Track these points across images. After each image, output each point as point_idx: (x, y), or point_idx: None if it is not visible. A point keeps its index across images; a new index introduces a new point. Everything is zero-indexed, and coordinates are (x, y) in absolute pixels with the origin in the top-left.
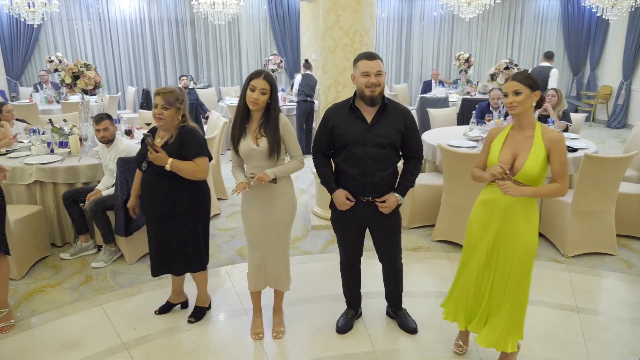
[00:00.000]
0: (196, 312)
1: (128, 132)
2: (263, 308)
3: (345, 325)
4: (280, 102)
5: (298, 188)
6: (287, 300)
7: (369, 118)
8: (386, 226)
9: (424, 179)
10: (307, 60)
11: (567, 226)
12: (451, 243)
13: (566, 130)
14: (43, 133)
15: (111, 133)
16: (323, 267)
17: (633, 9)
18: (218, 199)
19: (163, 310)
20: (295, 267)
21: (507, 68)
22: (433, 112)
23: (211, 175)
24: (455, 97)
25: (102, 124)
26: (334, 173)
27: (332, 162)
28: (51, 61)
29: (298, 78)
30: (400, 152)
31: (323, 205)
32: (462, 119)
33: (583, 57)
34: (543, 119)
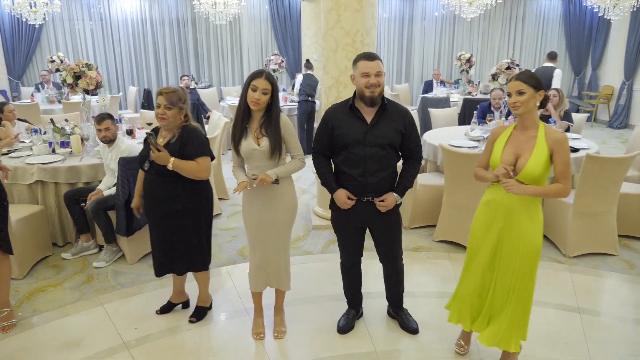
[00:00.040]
0: (197, 312)
1: (129, 132)
2: (264, 308)
3: (346, 325)
4: (281, 102)
5: (299, 188)
6: (288, 300)
7: (369, 118)
8: (386, 226)
9: (425, 179)
10: (308, 60)
11: (569, 226)
12: (452, 243)
13: (568, 130)
14: (44, 133)
15: (112, 133)
16: (324, 267)
17: (635, 9)
18: (219, 199)
19: (164, 310)
20: (296, 267)
21: (509, 68)
22: (434, 112)
23: (212, 175)
24: (456, 97)
25: (104, 124)
26: (334, 173)
27: (332, 163)
28: (53, 61)
29: (299, 78)
30: (399, 153)
31: (324, 205)
32: (464, 119)
33: (584, 57)
34: (544, 119)
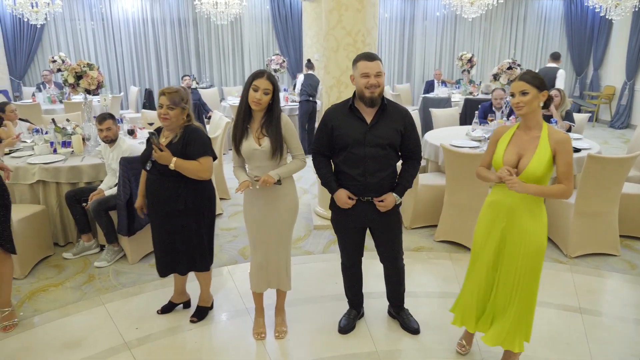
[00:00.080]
0: (198, 312)
1: (131, 132)
2: (265, 308)
3: (347, 325)
4: (282, 102)
5: (300, 188)
6: (289, 300)
7: (369, 119)
8: (386, 226)
9: (427, 179)
10: (310, 60)
11: (570, 227)
12: (454, 243)
13: (569, 130)
14: (46, 133)
15: (114, 133)
16: (325, 267)
17: (637, 9)
18: (220, 199)
19: (165, 310)
20: (297, 267)
21: (510, 68)
22: (435, 112)
23: (213, 175)
24: (457, 97)
25: (105, 124)
26: (334, 173)
27: (332, 163)
28: (54, 61)
29: (300, 78)
30: (399, 153)
31: (325, 205)
32: (465, 119)
33: (586, 57)
34: (546, 119)
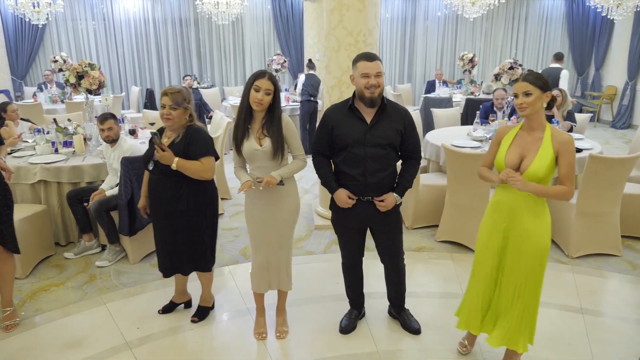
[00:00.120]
0: (199, 312)
1: (132, 132)
2: (266, 308)
3: (348, 325)
4: (283, 102)
5: (301, 188)
6: (291, 300)
7: (369, 118)
8: (387, 226)
9: (428, 179)
10: (311, 60)
11: (572, 227)
12: (455, 244)
13: (570, 130)
14: (47, 132)
15: (115, 133)
16: (326, 267)
17: (638, 9)
18: (221, 199)
19: (166, 309)
20: (298, 267)
21: (512, 68)
22: (437, 112)
23: (215, 175)
24: (459, 97)
25: (107, 124)
26: (334, 173)
27: (332, 163)
28: (56, 61)
29: (301, 78)
30: (399, 152)
31: (326, 205)
32: (466, 119)
33: (588, 57)
34: (547, 119)
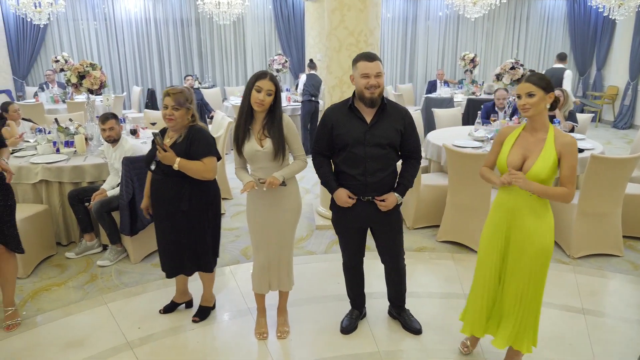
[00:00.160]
0: (201, 312)
1: (133, 132)
2: (267, 308)
3: (349, 325)
4: (284, 102)
5: (302, 188)
6: (292, 300)
7: (369, 118)
8: (387, 226)
9: (429, 179)
10: (312, 60)
11: (573, 227)
12: (456, 244)
13: (572, 130)
14: (49, 132)
15: (117, 132)
16: (327, 267)
17: None
18: (222, 199)
19: (167, 309)
20: (299, 267)
21: (513, 68)
22: (438, 112)
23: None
24: (460, 97)
25: (108, 124)
26: (334, 173)
27: (332, 163)
28: (57, 61)
29: (303, 78)
30: (399, 152)
31: (327, 205)
32: (467, 119)
33: (589, 57)
34: (549, 119)
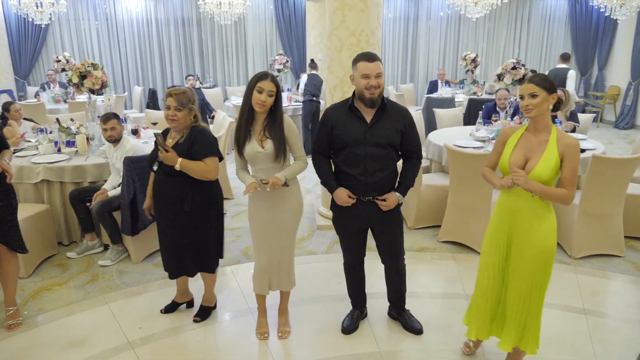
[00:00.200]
0: (202, 312)
1: (135, 132)
2: (268, 308)
3: (350, 325)
4: (286, 102)
5: (304, 188)
6: (293, 300)
7: (369, 118)
8: (387, 226)
9: (430, 179)
10: (313, 60)
11: (575, 227)
12: (457, 244)
13: (574, 130)
14: (50, 132)
15: (118, 132)
16: (328, 267)
17: None
18: (224, 199)
19: (168, 309)
20: (300, 267)
21: (514, 68)
22: (439, 112)
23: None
24: (461, 97)
25: (109, 124)
26: (335, 173)
27: (332, 163)
28: (58, 61)
29: (304, 78)
30: (399, 152)
31: (328, 205)
32: (469, 119)
33: (591, 57)
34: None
